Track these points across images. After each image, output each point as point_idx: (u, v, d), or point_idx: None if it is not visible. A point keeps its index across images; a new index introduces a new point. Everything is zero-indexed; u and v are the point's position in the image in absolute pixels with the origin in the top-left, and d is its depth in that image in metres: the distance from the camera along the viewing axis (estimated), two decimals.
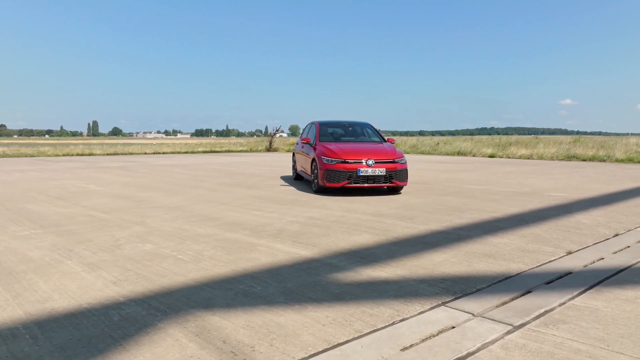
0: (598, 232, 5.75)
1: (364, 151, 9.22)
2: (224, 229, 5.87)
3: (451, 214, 7.03)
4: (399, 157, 9.26)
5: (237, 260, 4.43)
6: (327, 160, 9.04)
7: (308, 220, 6.51)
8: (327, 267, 4.22)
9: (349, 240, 5.28)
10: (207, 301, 3.36)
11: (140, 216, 6.77)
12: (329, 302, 3.36)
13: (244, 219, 6.59)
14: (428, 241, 5.27)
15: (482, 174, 13.95)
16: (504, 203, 8.07)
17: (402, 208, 7.58)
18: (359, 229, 5.93)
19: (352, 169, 8.84)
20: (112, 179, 12.34)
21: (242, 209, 7.40)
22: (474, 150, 25.52)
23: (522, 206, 7.73)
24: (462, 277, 3.96)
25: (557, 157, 21.51)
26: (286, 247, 4.95)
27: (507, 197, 8.84)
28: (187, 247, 4.93)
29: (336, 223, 6.29)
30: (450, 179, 12.40)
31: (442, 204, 8.02)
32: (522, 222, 6.34)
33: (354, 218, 6.67)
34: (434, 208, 7.56)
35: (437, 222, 6.40)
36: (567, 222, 6.34)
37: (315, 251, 4.80)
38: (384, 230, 5.86)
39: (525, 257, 4.59)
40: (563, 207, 7.65)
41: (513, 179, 12.17)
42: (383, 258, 4.55)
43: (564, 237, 5.44)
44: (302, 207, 7.61)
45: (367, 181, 8.90)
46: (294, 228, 5.96)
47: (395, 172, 9.02)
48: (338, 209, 7.50)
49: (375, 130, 10.91)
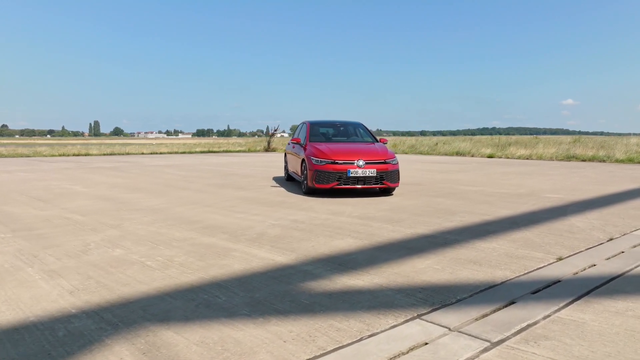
0: (592, 236, 5.50)
1: (354, 151, 8.98)
2: (202, 233, 5.63)
3: (441, 216, 6.79)
4: (390, 157, 9.02)
5: (208, 267, 4.20)
6: (317, 160, 8.80)
7: (291, 223, 6.27)
8: (301, 275, 3.99)
9: (330, 245, 5.05)
10: (165, 313, 3.13)
11: (118, 219, 6.54)
12: (296, 314, 3.12)
13: (225, 221, 6.36)
14: (413, 246, 5.03)
15: (478, 174, 13.70)
16: (497, 205, 7.83)
17: (391, 210, 7.34)
18: (343, 232, 5.70)
19: (342, 170, 8.60)
20: (100, 179, 12.12)
21: (225, 211, 7.17)
22: (473, 151, 25.26)
23: (516, 208, 7.49)
24: (443, 285, 3.73)
25: (556, 158, 21.25)
26: (263, 253, 4.71)
27: (501, 198, 8.60)
28: (158, 253, 4.69)
29: (320, 226, 6.06)
30: (445, 179, 12.16)
31: (433, 206, 7.78)
32: (513, 226, 6.10)
33: (340, 221, 6.43)
34: (424, 210, 7.32)
35: (425, 225, 6.16)
36: (560, 226, 6.10)
37: (292, 257, 4.56)
38: (368, 234, 5.63)
39: (513, 263, 4.35)
40: (558, 209, 7.41)
41: (509, 180, 11.92)
42: (362, 265, 4.31)
43: (556, 242, 5.19)
44: (288, 210, 7.37)
45: (357, 182, 8.66)
46: (275, 232, 5.72)
47: (386, 173, 8.78)
48: (325, 211, 7.27)
49: (367, 130, 10.67)
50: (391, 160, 8.95)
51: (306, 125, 10.54)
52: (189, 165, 18.22)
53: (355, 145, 9.70)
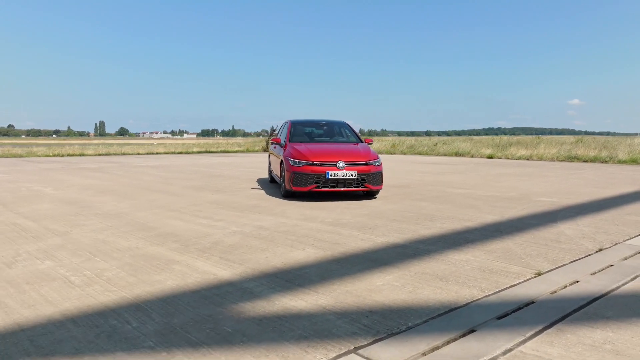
0: (580, 246, 4.98)
1: (334, 152, 8.48)
2: (152, 242, 5.15)
3: (420, 222, 6.28)
4: (372, 158, 8.51)
5: (136, 285, 3.71)
6: (294, 162, 8.31)
7: (255, 230, 5.79)
8: (238, 294, 3.50)
9: (286, 257, 4.55)
10: (54, 345, 2.64)
11: (70, 225, 6.07)
12: (209, 347, 2.63)
13: (184, 228, 5.88)
14: (377, 258, 4.52)
15: (472, 176, 13.16)
16: (483, 210, 7.31)
17: (367, 216, 6.84)
18: (306, 241, 5.20)
19: (321, 172, 8.11)
20: (77, 181, 11.67)
21: (190, 217, 6.69)
22: (472, 151, 24.68)
23: (502, 213, 6.97)
24: (397, 308, 3.22)
25: (557, 158, 20.65)
26: (207, 266, 4.22)
27: (490, 202, 8.07)
28: (90, 266, 4.21)
29: (284, 234, 5.57)
30: (437, 181, 11.63)
31: (414, 210, 7.27)
32: (495, 234, 5.58)
33: (308, 228, 5.94)
34: (404, 216, 6.81)
35: (399, 233, 5.65)
36: (547, 234, 5.57)
37: (237, 272, 4.07)
38: (333, 243, 5.13)
39: (485, 279, 3.84)
40: (548, 214, 6.88)
41: (503, 182, 11.38)
42: (313, 281, 3.82)
43: (538, 253, 4.68)
44: (257, 215, 6.88)
45: (336, 185, 8.16)
46: (233, 240, 5.23)
47: (368, 175, 8.27)
48: (297, 216, 6.77)
49: (352, 129, 10.16)
50: (373, 162, 8.45)
51: (287, 125, 10.05)
52: (178, 166, 17.77)
53: (337, 145, 9.20)
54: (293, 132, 9.72)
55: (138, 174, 13.80)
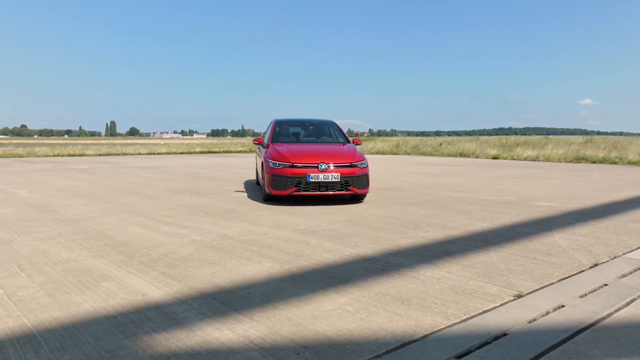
0: (573, 260, 4.41)
1: (317, 153, 7.95)
2: (96, 253, 4.67)
3: (400, 231, 5.74)
4: (358, 160, 7.97)
5: (48, 307, 3.22)
6: (274, 163, 7.80)
7: (216, 239, 5.28)
8: (158, 321, 2.98)
9: (236, 273, 4.04)
10: None
11: (18, 232, 5.61)
12: None
13: (140, 236, 5.39)
14: (339, 274, 3.99)
15: (471, 178, 12.56)
16: (475, 216, 6.74)
17: (346, 222, 6.30)
18: (267, 253, 4.68)
19: (301, 175, 7.58)
20: (58, 183, 11.25)
21: (155, 223, 6.21)
22: (478, 152, 24.01)
23: (494, 220, 6.39)
24: (338, 342, 2.69)
25: (564, 159, 19.94)
26: (140, 284, 3.72)
27: (484, 207, 7.50)
28: (9, 283, 3.73)
29: (246, 244, 5.05)
30: (433, 184, 11.05)
31: (399, 216, 6.72)
32: (480, 245, 5.03)
33: (275, 237, 5.42)
34: (386, 223, 6.27)
35: (374, 243, 5.12)
36: (538, 244, 5.00)
37: (172, 291, 3.56)
38: (296, 255, 4.60)
39: (453, 303, 3.30)
40: (543, 221, 6.30)
41: (503, 185, 10.78)
42: (254, 304, 3.30)
43: (524, 269, 4.12)
44: (227, 221, 6.38)
45: (318, 188, 7.63)
46: (186, 251, 4.73)
47: (352, 177, 7.73)
48: (269, 223, 6.26)
49: (339, 129, 9.62)
50: (359, 164, 7.90)
51: (272, 124, 9.54)
52: (171, 166, 17.35)
53: (320, 146, 8.67)
54: (276, 132, 9.21)
55: (125, 175, 13.38)
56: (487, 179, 12.30)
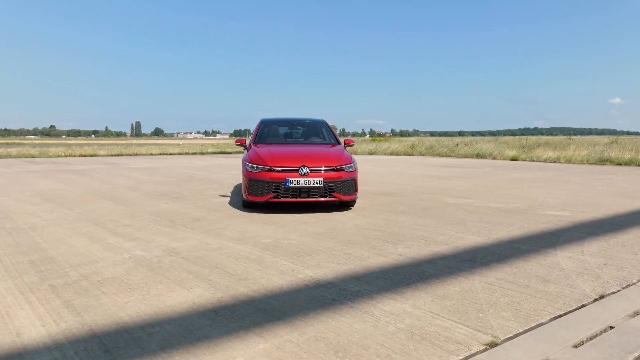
0: (574, 289, 3.58)
1: (299, 156, 7.21)
2: (9, 272, 4.02)
3: (378, 246, 4.96)
4: (345, 162, 7.20)
5: None
6: (251, 167, 7.09)
7: (160, 255, 4.59)
8: None
9: (154, 303, 3.33)
10: None
11: None
12: None
13: (76, 251, 4.74)
14: (276, 307, 3.25)
15: (481, 181, 11.64)
16: (470, 227, 5.91)
17: (319, 235, 5.55)
18: (206, 275, 3.96)
19: (280, 179, 6.85)
20: (39, 186, 10.76)
21: (106, 233, 5.56)
22: (495, 153, 22.92)
23: (491, 233, 5.56)
24: None
25: (587, 161, 18.76)
26: (24, 319, 3.04)
27: (484, 216, 6.65)
28: None
29: (189, 262, 4.35)
30: (437, 188, 10.20)
31: (384, 227, 5.94)
32: (465, 265, 4.22)
33: (229, 253, 4.70)
34: (365, 235, 5.50)
35: (339, 262, 4.36)
36: (535, 266, 4.17)
37: (57, 329, 2.87)
38: (239, 279, 3.87)
39: (402, 356, 2.53)
40: (549, 235, 5.44)
41: (513, 190, 9.86)
42: (146, 351, 2.58)
43: (509, 302, 3.31)
44: (188, 232, 5.69)
45: (299, 195, 6.88)
46: (114, 272, 4.05)
47: (337, 182, 6.96)
48: (232, 235, 5.55)
49: (329, 129, 8.85)
50: (346, 167, 7.13)
51: (257, 124, 8.84)
52: (170, 168, 16.82)
53: (304, 148, 7.94)
54: (261, 133, 8.50)
55: (116, 177, 12.85)
56: (498, 182, 11.37)
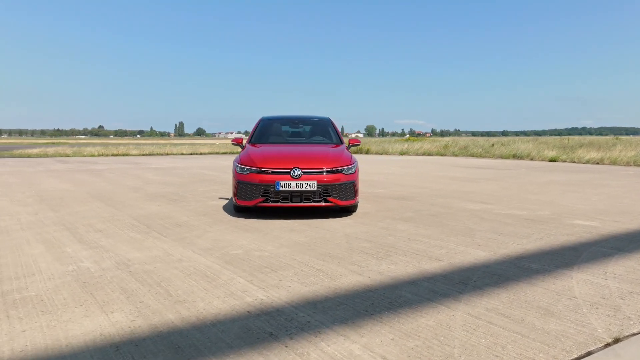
0: (581, 327, 2.80)
1: (293, 156, 6.58)
2: None
3: (360, 261, 4.28)
4: (343, 164, 6.51)
5: None
6: (241, 168, 6.52)
7: (109, 267, 4.07)
8: None
9: (51, 333, 2.77)
10: None
11: None
12: None
13: (21, 262, 4.28)
14: (197, 342, 2.63)
15: (509, 184, 10.68)
16: (478, 239, 5.13)
17: (300, 245, 4.90)
18: (139, 296, 3.39)
19: (269, 182, 6.24)
20: (45, 186, 10.57)
21: (68, 240, 5.11)
22: (533, 153, 21.58)
23: (499, 247, 4.76)
24: None
25: (634, 163, 17.30)
26: None
27: (498, 226, 5.84)
28: None
29: (131, 277, 3.79)
30: (457, 191, 9.35)
31: (378, 238, 5.23)
32: (453, 290, 3.48)
33: (184, 267, 4.13)
34: (352, 247, 4.81)
35: (305, 281, 3.70)
36: (541, 292, 3.39)
37: None
38: (173, 302, 3.28)
39: None
40: (569, 251, 4.60)
41: (542, 194, 8.90)
42: None
43: (489, 346, 2.57)
44: (157, 240, 5.17)
45: (290, 199, 6.25)
46: (41, 288, 3.54)
47: (332, 186, 6.29)
48: (204, 244, 4.99)
49: (334, 128, 8.15)
50: (344, 168, 6.44)
51: (256, 122, 8.26)
52: (187, 168, 16.53)
53: (301, 148, 7.30)
54: (258, 131, 7.92)
55: (127, 177, 12.60)
56: (527, 185, 10.39)
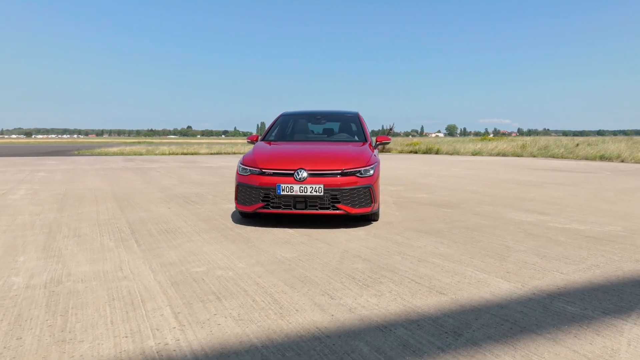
0: None
1: (301, 156, 5.71)
2: None
3: (335, 291, 3.34)
4: (360, 164, 5.52)
5: None
6: (243, 169, 5.75)
7: (37, 284, 3.44)
8: None
9: None
10: None
11: None
12: None
13: None
14: None
15: (582, 190, 9.09)
16: (509, 263, 3.98)
17: (279, 264, 4.03)
18: (23, 330, 2.70)
19: (270, 185, 5.41)
20: (81, 184, 10.48)
21: (37, 246, 4.60)
22: (625, 155, 19.07)
23: (533, 277, 3.60)
24: None
25: None
26: None
27: (544, 245, 4.61)
28: None
29: (27, 303, 3.12)
30: (512, 198, 8.01)
31: (384, 256, 4.24)
32: (434, 346, 2.46)
33: (113, 289, 3.40)
34: (342, 268, 3.87)
35: (241, 320, 2.84)
36: (567, 354, 2.28)
37: None
38: (57, 341, 2.54)
39: None
40: (629, 287, 3.36)
41: (621, 203, 7.35)
42: None
43: None
44: (127, 250, 4.52)
45: (293, 205, 5.36)
46: None
47: (342, 191, 5.32)
48: (171, 257, 4.26)
49: (361, 124, 7.08)
50: (359, 170, 5.46)
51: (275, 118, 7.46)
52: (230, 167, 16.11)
53: (316, 146, 6.39)
54: (274, 128, 7.12)
55: (167, 176, 12.36)
56: (604, 192, 8.76)
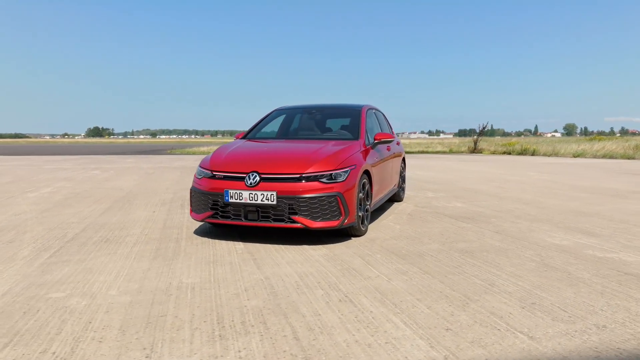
0: None
1: (261, 156, 4.81)
2: None
3: (168, 344, 2.38)
4: (325, 168, 4.45)
5: None
6: (199, 172, 4.96)
7: None
8: None
9: None
10: None
11: None
12: None
13: None
14: None
15: None
16: (464, 313, 2.72)
17: (167, 293, 3.14)
18: None
19: (218, 191, 4.55)
20: (111, 182, 10.41)
21: None
22: None
23: (469, 346, 2.35)
24: None
25: None
26: None
27: (551, 284, 3.24)
28: None
29: None
30: (565, 212, 6.36)
31: (300, 292, 3.18)
32: None
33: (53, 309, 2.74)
34: (217, 308, 2.90)
35: None
36: None
37: None
38: None
39: None
40: None
41: None
42: None
43: None
44: (74, 265, 3.93)
45: (244, 215, 4.44)
46: None
47: (299, 199, 4.28)
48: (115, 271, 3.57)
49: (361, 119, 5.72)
50: (325, 175, 4.41)
51: None
52: None
53: (286, 144, 5.41)
54: (260, 124, 6.23)
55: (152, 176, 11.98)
56: None
